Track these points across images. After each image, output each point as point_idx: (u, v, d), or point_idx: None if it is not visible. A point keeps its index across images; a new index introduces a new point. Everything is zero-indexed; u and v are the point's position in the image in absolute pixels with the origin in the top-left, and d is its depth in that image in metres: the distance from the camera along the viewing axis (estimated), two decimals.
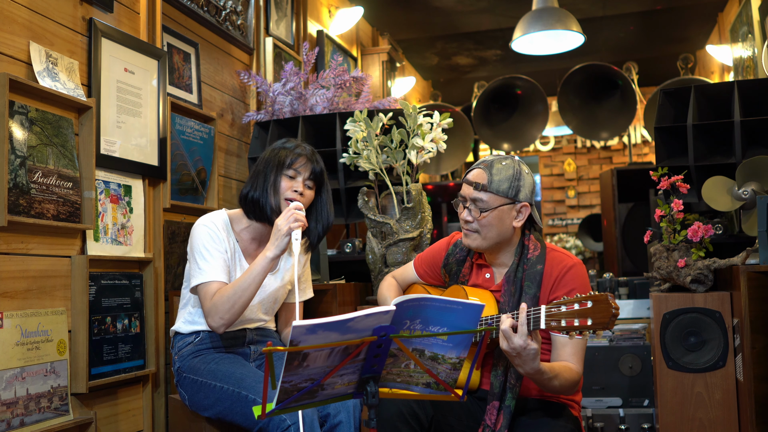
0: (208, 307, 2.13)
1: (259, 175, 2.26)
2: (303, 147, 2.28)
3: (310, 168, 2.25)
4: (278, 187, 2.23)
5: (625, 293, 3.77)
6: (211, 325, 2.13)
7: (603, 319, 1.57)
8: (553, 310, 1.67)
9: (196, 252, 2.20)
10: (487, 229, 1.98)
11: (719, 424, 2.62)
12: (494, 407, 1.93)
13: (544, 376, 1.78)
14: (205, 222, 2.24)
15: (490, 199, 1.96)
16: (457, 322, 1.58)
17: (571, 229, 8.45)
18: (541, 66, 6.91)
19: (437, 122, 2.89)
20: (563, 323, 1.64)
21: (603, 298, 1.58)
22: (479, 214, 1.97)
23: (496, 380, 1.95)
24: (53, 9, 2.37)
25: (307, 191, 2.25)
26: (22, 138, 2.17)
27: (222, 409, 2.10)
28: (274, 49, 3.86)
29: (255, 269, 2.11)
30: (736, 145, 2.90)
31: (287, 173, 2.23)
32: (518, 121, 6.08)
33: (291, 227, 2.09)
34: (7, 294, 2.13)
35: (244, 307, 2.12)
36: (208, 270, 2.16)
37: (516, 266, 2.01)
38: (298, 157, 2.24)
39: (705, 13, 5.77)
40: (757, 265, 2.49)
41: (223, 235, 2.23)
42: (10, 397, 2.09)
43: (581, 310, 1.61)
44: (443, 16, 5.73)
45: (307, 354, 1.40)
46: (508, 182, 1.96)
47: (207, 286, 2.15)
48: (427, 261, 2.28)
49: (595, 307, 1.59)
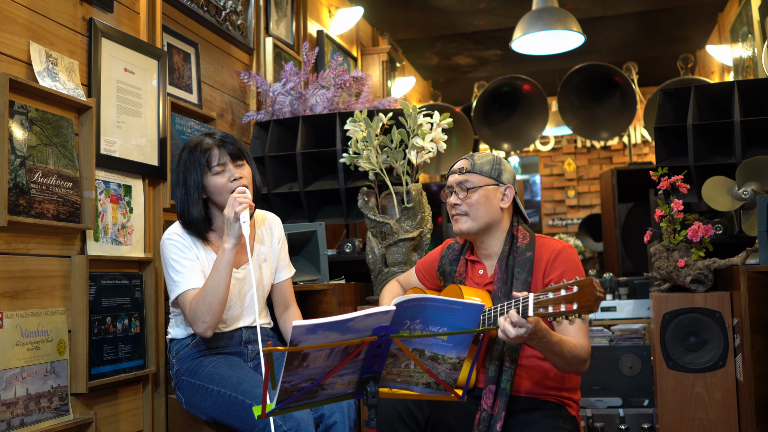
0: (189, 316, 2.14)
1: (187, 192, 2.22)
2: (208, 140, 2.23)
3: (227, 153, 2.21)
4: (216, 189, 2.20)
5: (625, 293, 3.77)
6: (197, 332, 2.14)
7: (587, 302, 1.60)
8: (541, 297, 1.69)
9: (168, 267, 2.22)
10: (475, 209, 2.05)
11: (719, 424, 2.62)
12: (490, 391, 1.94)
13: (553, 338, 1.80)
14: (168, 236, 2.24)
15: (475, 179, 2.07)
16: (457, 322, 1.59)
17: (571, 229, 8.45)
18: (541, 66, 6.91)
19: (437, 122, 2.89)
20: (550, 309, 1.67)
21: (588, 282, 1.61)
22: (466, 194, 2.06)
23: (491, 365, 1.97)
24: (53, 9, 2.37)
25: (241, 170, 2.23)
26: (22, 138, 2.17)
27: (219, 413, 2.10)
28: (274, 49, 3.86)
29: (219, 264, 2.12)
30: (736, 145, 2.90)
31: (214, 171, 2.20)
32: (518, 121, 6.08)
33: (236, 211, 2.10)
34: (7, 294, 2.13)
35: (222, 304, 2.13)
36: (181, 281, 2.18)
37: (507, 254, 2.05)
38: (209, 152, 2.21)
39: (705, 13, 5.77)
40: (757, 265, 2.49)
41: (189, 242, 2.23)
42: (10, 397, 2.09)
43: (567, 295, 1.64)
44: (443, 16, 5.73)
45: (307, 354, 1.40)
46: (490, 165, 2.09)
47: (184, 296, 2.17)
48: (425, 266, 2.32)
49: (581, 292, 1.62)
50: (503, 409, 1.91)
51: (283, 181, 3.44)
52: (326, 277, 3.03)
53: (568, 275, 1.95)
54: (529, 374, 2.01)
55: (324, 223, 3.11)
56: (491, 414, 1.91)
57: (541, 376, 2.01)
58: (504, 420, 1.91)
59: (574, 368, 1.91)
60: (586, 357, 1.90)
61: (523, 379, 2.00)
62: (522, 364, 2.00)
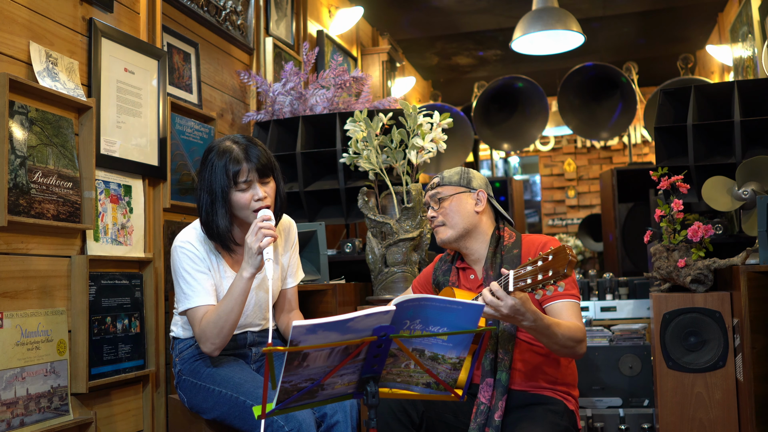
0: (198, 334, 2.09)
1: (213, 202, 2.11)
2: (237, 151, 2.10)
3: (255, 169, 2.10)
4: (239, 205, 2.11)
5: (625, 293, 3.77)
6: (205, 351, 2.09)
7: (561, 267, 1.63)
8: (520, 271, 1.73)
9: (179, 276, 2.14)
10: (450, 217, 2.14)
11: (719, 424, 2.62)
12: (488, 384, 1.96)
13: (545, 321, 1.83)
14: (181, 243, 2.15)
15: (445, 190, 2.18)
16: (457, 322, 1.59)
17: (571, 229, 8.45)
18: (541, 66, 6.91)
19: (437, 122, 2.89)
20: (529, 281, 1.70)
21: (560, 249, 1.64)
22: (439, 204, 2.16)
23: (486, 359, 1.99)
24: (53, 9, 2.37)
25: (267, 188, 2.13)
26: (22, 138, 2.17)
27: (220, 413, 2.10)
28: (274, 49, 3.86)
29: (234, 291, 2.05)
30: (736, 145, 2.90)
31: (240, 187, 2.10)
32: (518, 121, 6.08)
33: (261, 246, 2.00)
34: (7, 294, 2.13)
35: (233, 328, 2.08)
36: (192, 295, 2.11)
37: (492, 255, 2.10)
38: (239, 168, 2.08)
39: (705, 13, 5.77)
40: (757, 265, 2.49)
41: (203, 253, 2.15)
42: (10, 397, 2.09)
43: (543, 265, 1.67)
44: (443, 16, 5.73)
45: (307, 354, 1.40)
46: (458, 175, 2.20)
47: (194, 312, 2.11)
48: (421, 282, 2.37)
49: (555, 259, 1.65)
50: (500, 400, 1.93)
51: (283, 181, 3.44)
52: (326, 277, 3.03)
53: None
54: (526, 369, 2.02)
55: (324, 223, 3.11)
56: (489, 406, 1.93)
57: (538, 371, 2.02)
58: (503, 412, 1.92)
59: (571, 350, 1.92)
60: (581, 337, 1.93)
61: (520, 373, 2.01)
62: (520, 359, 2.02)
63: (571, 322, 1.93)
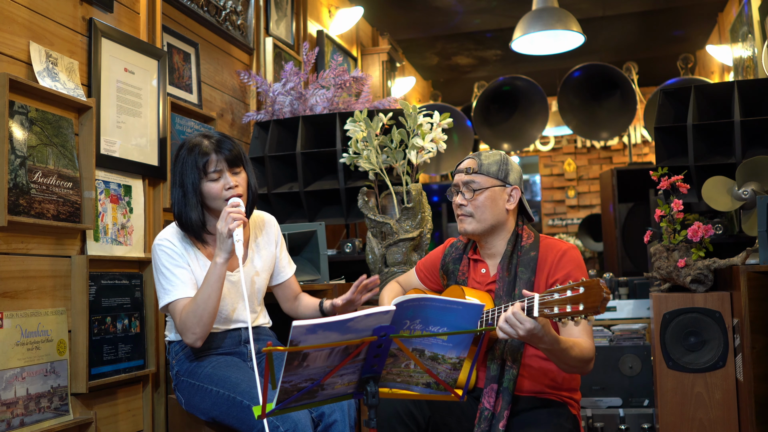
0: (179, 326, 2.12)
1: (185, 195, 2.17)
2: (206, 144, 2.17)
3: (224, 159, 2.16)
4: (211, 195, 2.16)
5: (625, 293, 3.76)
6: (187, 342, 2.12)
7: (594, 303, 1.59)
8: (546, 297, 1.68)
9: (159, 273, 2.18)
10: (481, 211, 2.04)
11: (719, 424, 2.62)
12: (492, 390, 1.93)
13: (561, 345, 1.78)
14: (159, 241, 2.20)
15: (481, 180, 2.05)
16: (457, 322, 1.58)
17: (571, 229, 8.45)
18: (541, 66, 6.91)
19: (437, 122, 2.89)
20: (556, 310, 1.66)
21: (594, 284, 1.60)
22: (472, 195, 2.04)
23: (493, 363, 1.96)
24: (53, 9, 2.37)
25: (237, 177, 2.19)
26: (22, 138, 2.17)
27: (218, 414, 2.10)
28: (274, 49, 3.86)
29: (210, 278, 2.09)
30: (736, 145, 2.90)
31: (210, 177, 2.16)
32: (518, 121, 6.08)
33: (230, 228, 2.06)
34: (7, 294, 2.13)
35: (213, 317, 2.11)
36: (171, 289, 2.15)
37: (510, 253, 2.04)
38: (207, 158, 2.15)
39: (705, 13, 5.77)
40: (757, 265, 2.49)
41: (181, 249, 2.19)
42: (10, 397, 2.09)
43: (573, 296, 1.63)
44: (443, 16, 5.73)
45: (307, 354, 1.40)
46: (497, 165, 2.06)
47: (174, 305, 2.14)
48: (427, 265, 2.30)
49: (587, 293, 1.61)
50: (506, 409, 1.90)
51: (283, 181, 3.44)
52: (326, 277, 3.03)
53: (573, 276, 1.94)
54: (531, 373, 2.00)
55: (324, 223, 3.11)
56: (493, 413, 1.91)
57: (542, 376, 2.01)
58: (507, 421, 1.91)
59: (579, 370, 1.91)
60: (590, 358, 1.90)
61: (525, 378, 2.00)
62: (524, 363, 2.00)
63: (583, 342, 1.87)
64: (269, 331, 2.40)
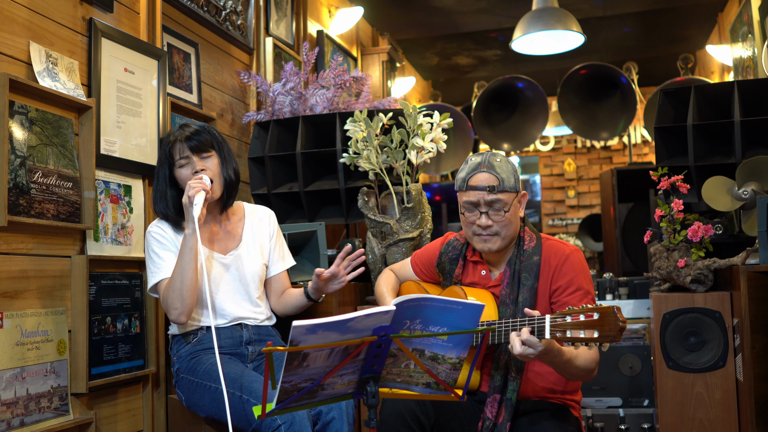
0: (163, 303, 2.22)
1: (158, 184, 2.32)
2: (175, 133, 2.30)
3: (188, 146, 2.26)
4: (182, 180, 2.27)
5: (625, 293, 3.76)
6: (171, 319, 2.21)
7: (610, 332, 1.57)
8: (558, 320, 1.67)
9: (148, 258, 2.30)
10: (506, 228, 1.97)
11: (719, 424, 2.62)
12: (495, 400, 1.92)
13: (564, 357, 1.77)
14: (151, 229, 2.32)
15: (507, 198, 1.95)
16: (457, 322, 1.58)
17: (571, 229, 8.45)
18: (541, 66, 6.91)
19: (437, 122, 2.89)
20: (569, 334, 1.64)
21: (609, 311, 1.57)
22: (502, 216, 1.94)
23: (497, 373, 1.95)
24: (53, 9, 2.37)
25: (205, 162, 2.28)
26: (22, 138, 2.17)
27: (217, 410, 2.11)
28: (274, 49, 3.86)
29: (183, 251, 2.18)
30: (736, 145, 2.90)
31: (179, 164, 2.27)
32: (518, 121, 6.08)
33: (189, 196, 2.15)
34: (7, 294, 2.13)
35: (192, 290, 2.17)
36: (157, 271, 2.25)
37: (514, 258, 2.01)
38: (172, 146, 2.28)
39: (705, 13, 5.77)
40: (757, 265, 2.49)
41: (171, 235, 2.30)
42: (10, 397, 2.09)
43: (587, 321, 1.61)
44: (443, 16, 5.73)
45: (307, 354, 1.40)
46: (513, 175, 1.98)
47: (159, 285, 2.25)
48: (423, 260, 2.29)
49: (602, 320, 1.59)
50: (508, 420, 1.89)
51: (283, 181, 3.44)
52: None
53: (577, 282, 1.93)
54: (533, 379, 2.00)
55: (324, 223, 3.11)
56: (495, 423, 1.90)
57: (544, 381, 2.00)
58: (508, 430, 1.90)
59: (582, 378, 1.91)
60: (595, 366, 1.90)
61: (527, 383, 1.99)
62: (527, 369, 1.99)
63: (586, 353, 1.86)
64: (271, 330, 2.40)
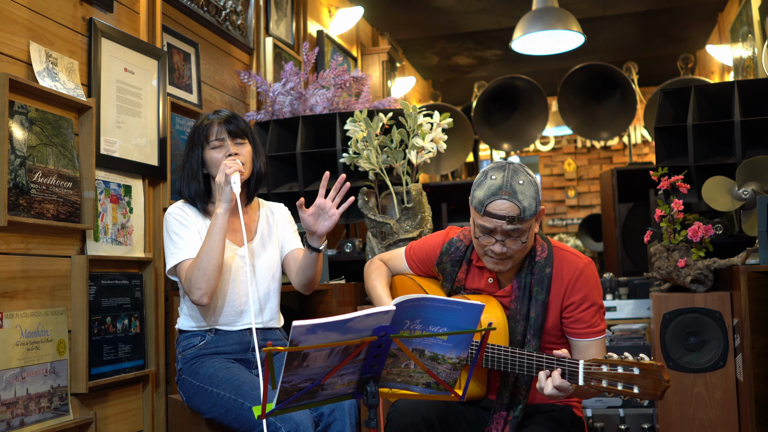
0: (185, 284, 2.15)
1: (188, 166, 2.27)
2: (212, 116, 2.29)
3: (226, 129, 2.25)
4: (213, 163, 2.24)
5: (625, 293, 3.76)
6: (193, 300, 2.13)
7: (654, 391, 1.54)
8: (592, 368, 1.66)
9: (167, 239, 2.24)
10: (521, 253, 1.91)
11: (719, 424, 2.62)
12: (501, 417, 1.92)
13: (593, 392, 1.75)
14: (171, 209, 2.27)
15: (525, 226, 1.86)
16: (457, 322, 1.58)
17: (571, 229, 8.45)
18: (541, 66, 6.91)
19: (437, 122, 2.89)
20: (604, 384, 1.63)
21: (653, 369, 1.53)
22: (520, 244, 1.88)
23: (506, 390, 1.94)
24: (53, 9, 2.37)
25: (239, 148, 2.26)
26: (22, 138, 2.17)
27: (218, 414, 2.10)
28: (274, 49, 3.86)
29: (213, 230, 2.14)
30: (736, 145, 2.90)
31: (212, 145, 2.24)
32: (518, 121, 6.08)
33: (227, 174, 2.13)
34: (7, 294, 2.13)
35: (217, 271, 2.12)
36: (177, 251, 2.19)
37: (525, 270, 1.95)
38: (209, 127, 2.25)
39: (705, 13, 5.77)
40: (757, 265, 2.49)
41: (192, 216, 2.25)
42: (10, 397, 2.09)
43: (626, 375, 1.59)
44: (443, 16, 5.73)
45: (307, 354, 1.40)
46: (535, 201, 1.86)
47: (181, 266, 2.18)
48: (420, 256, 2.17)
49: (644, 376, 1.57)
50: None
51: (283, 181, 3.44)
52: (326, 277, 3.03)
53: (591, 299, 1.91)
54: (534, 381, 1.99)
55: None
56: None
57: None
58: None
59: (594, 396, 1.91)
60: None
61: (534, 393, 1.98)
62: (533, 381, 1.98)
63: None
64: (278, 334, 2.36)
